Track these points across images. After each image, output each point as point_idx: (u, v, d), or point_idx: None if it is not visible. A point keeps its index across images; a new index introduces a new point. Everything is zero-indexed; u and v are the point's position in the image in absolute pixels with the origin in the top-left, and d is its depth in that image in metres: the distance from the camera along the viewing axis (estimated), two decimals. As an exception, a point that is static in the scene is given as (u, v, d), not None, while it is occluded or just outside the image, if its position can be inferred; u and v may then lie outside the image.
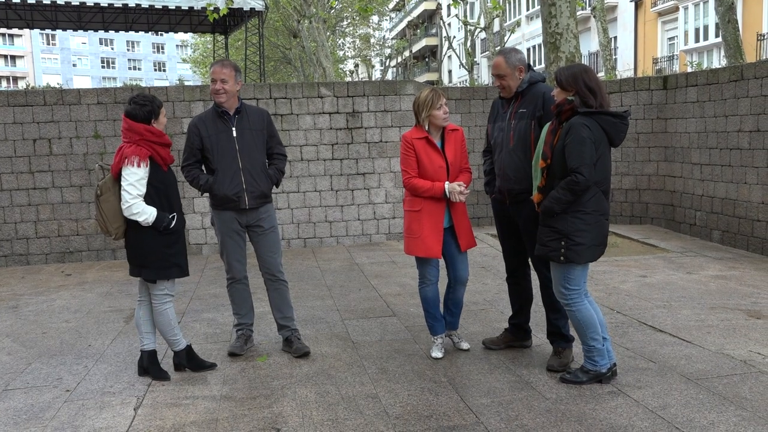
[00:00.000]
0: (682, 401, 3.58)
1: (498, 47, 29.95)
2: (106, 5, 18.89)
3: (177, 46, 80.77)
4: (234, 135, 4.40)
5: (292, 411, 3.64)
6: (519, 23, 35.33)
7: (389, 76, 51.38)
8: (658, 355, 4.29)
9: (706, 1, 24.53)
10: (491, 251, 7.95)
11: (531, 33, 35.62)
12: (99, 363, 4.54)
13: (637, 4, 28.74)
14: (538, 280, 4.31)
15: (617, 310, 5.36)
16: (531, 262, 4.35)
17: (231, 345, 4.65)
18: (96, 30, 23.54)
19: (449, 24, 41.97)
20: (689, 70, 20.23)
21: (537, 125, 4.07)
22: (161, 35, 28.44)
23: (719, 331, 4.74)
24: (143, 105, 3.93)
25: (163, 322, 4.13)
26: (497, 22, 32.61)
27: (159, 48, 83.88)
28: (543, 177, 3.75)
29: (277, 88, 8.81)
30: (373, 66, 52.60)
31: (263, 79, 22.70)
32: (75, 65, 78.34)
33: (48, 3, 18.92)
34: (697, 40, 25.23)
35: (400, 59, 49.68)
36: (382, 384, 3.98)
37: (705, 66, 22.25)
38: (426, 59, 54.45)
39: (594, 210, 3.68)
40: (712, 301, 5.54)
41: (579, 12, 24.49)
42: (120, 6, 18.91)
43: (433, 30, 50.20)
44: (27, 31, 63.81)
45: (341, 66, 43.81)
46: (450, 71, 49.92)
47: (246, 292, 4.66)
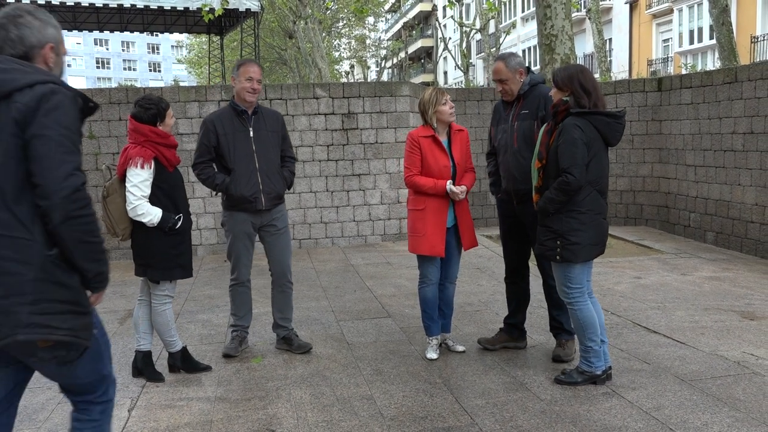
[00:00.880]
0: (676, 402, 3.59)
1: (493, 48, 30.00)
2: (101, 5, 18.83)
3: (172, 46, 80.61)
4: (251, 135, 4.39)
5: (286, 412, 3.63)
6: (514, 25, 35.38)
7: (385, 77, 51.41)
8: (652, 357, 4.31)
9: (700, 4, 24.62)
10: (486, 252, 7.96)
11: (526, 35, 35.69)
12: (93, 364, 4.52)
13: (632, 6, 28.83)
14: (541, 277, 4.38)
15: (612, 311, 5.37)
16: (535, 259, 4.39)
17: (226, 346, 4.63)
18: (91, 30, 23.45)
19: (445, 25, 42.03)
20: (684, 72, 20.31)
21: (540, 125, 4.13)
22: (156, 36, 28.39)
23: (713, 333, 4.75)
24: (148, 108, 3.93)
25: (162, 322, 4.13)
26: (492, 23, 32.66)
27: (154, 48, 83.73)
28: (539, 177, 3.78)
29: (273, 89, 8.81)
30: (369, 67, 52.60)
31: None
32: (69, 65, 78.03)
33: (42, 3, 18.87)
34: (692, 42, 25.33)
35: (395, 60, 49.72)
36: (377, 385, 3.98)
37: (699, 68, 22.34)
38: (422, 60, 54.49)
39: (589, 209, 3.70)
40: (706, 303, 5.56)
41: (574, 14, 24.56)
42: (115, 6, 18.85)
43: (429, 31, 50.25)
44: (21, 31, 63.50)
45: (337, 67, 43.81)
46: (445, 72, 49.98)
47: (247, 295, 4.64)
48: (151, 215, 3.88)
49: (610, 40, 29.44)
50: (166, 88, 8.71)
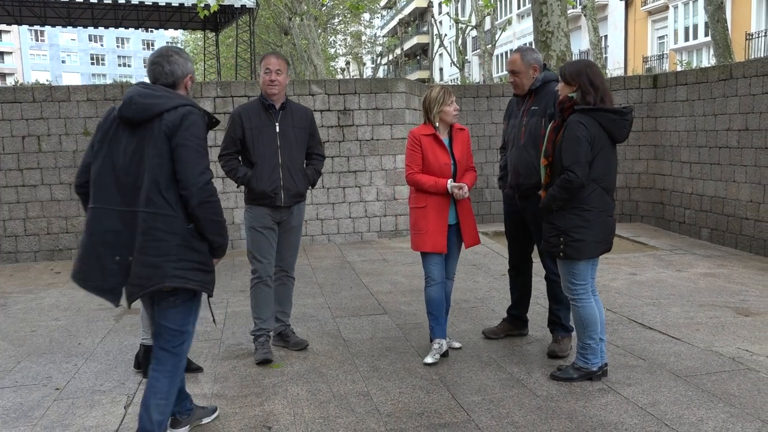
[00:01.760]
0: (671, 398, 3.60)
1: (489, 45, 29.99)
2: (95, 1, 18.75)
3: (167, 42, 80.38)
4: (277, 130, 4.34)
5: (283, 409, 3.63)
6: (510, 21, 35.39)
7: (380, 73, 51.35)
8: (647, 353, 4.32)
9: (695, 1, 24.66)
10: (483, 249, 7.97)
11: (522, 31, 35.68)
12: (89, 361, 4.52)
13: (627, 2, 28.85)
14: (544, 271, 4.41)
15: (607, 307, 5.39)
16: (539, 254, 4.41)
17: (258, 354, 4.37)
18: (85, 26, 23.36)
19: (440, 22, 41.97)
20: (679, 68, 20.35)
21: (548, 122, 4.15)
22: (151, 32, 28.26)
23: (708, 329, 4.77)
24: None
25: None
26: (488, 20, 32.63)
27: (149, 45, 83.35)
28: (546, 174, 3.78)
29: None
30: (365, 64, 52.55)
31: (254, 77, 22.61)
32: (64, 62, 77.78)
33: (36, -1, 18.78)
34: (687, 39, 25.37)
35: (391, 57, 49.68)
36: (373, 382, 3.98)
37: (694, 65, 22.39)
38: (417, 57, 54.45)
39: (594, 207, 3.70)
40: (701, 299, 5.58)
41: (569, 10, 24.54)
42: (110, 2, 18.78)
43: (425, 28, 50.19)
44: (15, 27, 63.26)
45: (332, 63, 43.71)
46: (441, 69, 49.95)
47: (270, 295, 4.49)
48: None
49: (605, 36, 29.45)
50: (161, 84, 8.67)
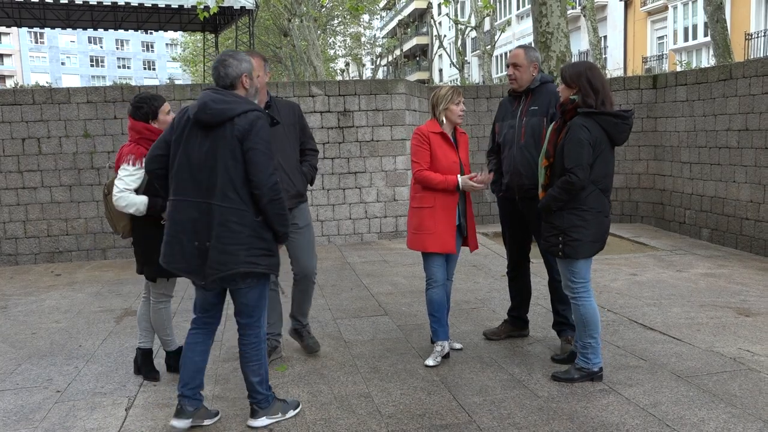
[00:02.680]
0: (672, 399, 3.60)
1: (488, 46, 30.00)
2: (95, 3, 18.76)
3: (167, 44, 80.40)
4: None
5: (284, 411, 3.62)
6: (509, 22, 35.40)
7: (380, 74, 51.37)
8: (648, 353, 4.32)
9: (695, 1, 24.67)
10: (483, 250, 7.97)
11: (521, 32, 35.69)
12: (90, 363, 4.51)
13: (627, 3, 28.86)
14: (544, 271, 4.42)
15: (608, 308, 5.39)
16: (541, 255, 4.41)
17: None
18: (85, 28, 23.41)
19: (440, 23, 41.99)
20: (678, 69, 20.36)
21: (549, 122, 4.16)
22: (151, 34, 28.27)
23: (709, 329, 4.77)
24: (139, 107, 3.95)
25: (158, 320, 4.13)
26: (488, 21, 32.67)
27: (148, 46, 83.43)
28: (546, 175, 3.79)
29: (268, 87, 8.77)
30: (364, 65, 52.56)
31: (254, 78, 22.61)
32: (63, 64, 77.77)
33: (36, 1, 18.78)
34: (686, 39, 25.38)
35: (390, 58, 49.68)
36: (374, 383, 3.98)
37: (694, 65, 22.40)
38: (417, 58, 54.47)
39: (592, 207, 3.72)
40: (701, 299, 5.58)
41: (569, 11, 24.56)
42: (109, 4, 18.79)
43: (424, 29, 50.21)
44: (15, 30, 63.28)
45: (332, 65, 43.73)
46: (441, 70, 49.97)
47: (276, 298, 4.35)
48: (136, 204, 3.83)
49: (605, 37, 29.47)
50: (161, 86, 8.68)
